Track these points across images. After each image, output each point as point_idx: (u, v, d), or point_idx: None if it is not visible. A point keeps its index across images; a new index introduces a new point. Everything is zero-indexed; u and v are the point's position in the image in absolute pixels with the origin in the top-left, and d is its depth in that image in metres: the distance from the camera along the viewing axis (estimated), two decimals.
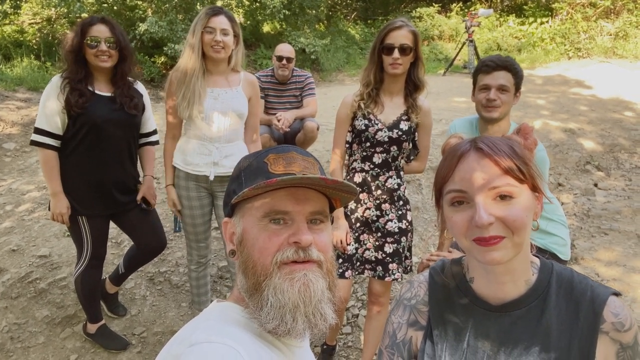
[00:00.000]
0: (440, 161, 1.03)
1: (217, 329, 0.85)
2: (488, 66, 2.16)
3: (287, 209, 0.90)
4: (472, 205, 0.92)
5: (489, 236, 0.89)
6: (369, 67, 2.34)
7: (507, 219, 0.89)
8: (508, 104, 2.16)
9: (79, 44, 2.38)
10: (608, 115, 6.91)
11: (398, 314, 1.12)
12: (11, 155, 5.69)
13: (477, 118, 2.33)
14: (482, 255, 0.91)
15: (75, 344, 2.93)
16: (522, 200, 0.92)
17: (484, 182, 0.91)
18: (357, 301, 3.34)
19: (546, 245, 2.23)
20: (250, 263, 0.90)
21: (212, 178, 2.56)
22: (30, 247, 3.52)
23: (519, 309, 0.97)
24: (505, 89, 2.14)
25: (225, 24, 2.44)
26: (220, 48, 2.44)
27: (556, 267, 1.02)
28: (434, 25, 12.86)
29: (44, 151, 2.45)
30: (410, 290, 1.12)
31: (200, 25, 2.42)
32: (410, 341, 1.08)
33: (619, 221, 4.50)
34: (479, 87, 2.20)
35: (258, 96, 2.76)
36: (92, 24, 2.40)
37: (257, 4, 10.04)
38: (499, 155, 0.92)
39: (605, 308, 0.94)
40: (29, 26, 9.99)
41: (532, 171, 0.94)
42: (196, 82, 2.45)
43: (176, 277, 3.43)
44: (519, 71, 2.19)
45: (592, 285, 0.98)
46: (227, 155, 2.58)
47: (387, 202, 2.41)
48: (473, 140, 0.98)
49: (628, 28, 11.23)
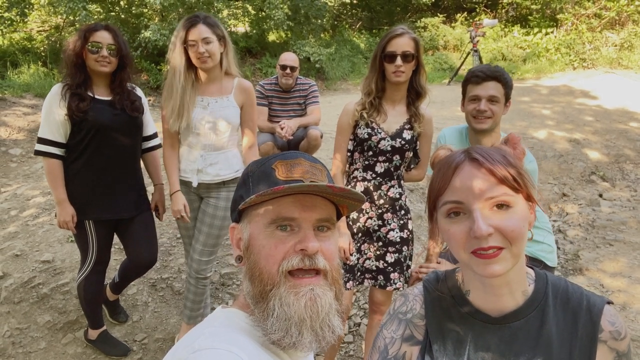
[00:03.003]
0: (433, 173, 1.02)
1: (222, 336, 0.84)
2: (478, 77, 2.15)
3: (294, 215, 0.90)
4: (469, 216, 0.91)
5: (489, 247, 0.89)
6: (371, 75, 2.33)
7: (506, 230, 0.89)
8: (498, 114, 2.15)
9: (81, 48, 2.41)
10: (613, 126, 6.89)
11: (392, 329, 1.08)
12: (17, 161, 5.74)
13: (467, 127, 2.32)
14: (482, 268, 0.91)
15: (77, 349, 2.92)
16: (519, 209, 0.92)
17: (480, 192, 0.90)
18: (359, 310, 3.32)
19: (533, 253, 2.22)
20: (257, 270, 0.90)
21: (195, 185, 2.59)
22: (33, 252, 3.53)
23: (518, 320, 0.97)
24: (495, 100, 2.13)
25: (205, 31, 2.40)
26: (206, 58, 2.42)
27: (550, 277, 1.02)
28: (438, 35, 12.92)
29: (48, 160, 2.46)
30: (405, 304, 1.10)
31: (179, 40, 2.41)
32: (404, 357, 1.05)
33: (624, 232, 4.47)
34: (469, 98, 2.19)
35: (253, 103, 2.71)
36: (95, 30, 2.42)
37: (263, 13, 10.12)
38: (494, 165, 0.92)
39: (602, 317, 0.95)
40: (37, 33, 10.11)
41: (526, 180, 0.94)
42: (184, 95, 2.45)
43: (178, 284, 3.42)
44: (509, 81, 2.18)
45: (586, 294, 0.99)
46: (212, 163, 2.59)
47: (389, 212, 2.40)
48: (466, 151, 0.98)
49: (633, 39, 11.25)
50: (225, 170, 2.63)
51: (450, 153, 1.02)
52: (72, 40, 2.44)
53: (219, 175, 2.62)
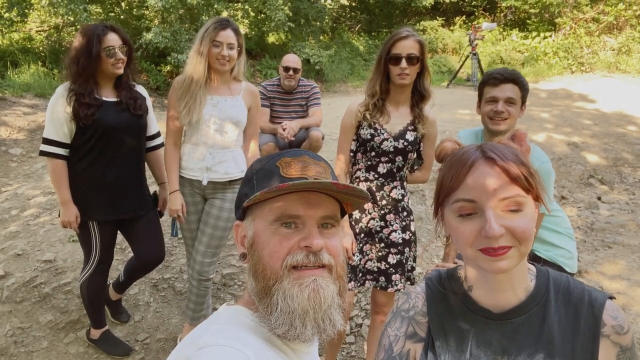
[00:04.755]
0: (443, 169, 1.01)
1: (227, 333, 0.85)
2: (495, 79, 2.16)
3: (299, 213, 0.90)
4: (480, 215, 0.91)
5: (498, 246, 0.89)
6: (375, 77, 2.34)
7: (516, 230, 0.90)
8: (514, 116, 2.16)
9: (98, 55, 2.38)
10: (611, 130, 6.93)
11: (395, 327, 1.09)
12: (17, 161, 5.73)
13: (482, 130, 2.33)
14: (488, 264, 0.91)
15: (79, 349, 2.92)
16: (529, 210, 0.92)
17: (494, 192, 0.90)
18: (360, 310, 3.33)
19: (552, 258, 2.24)
20: (261, 267, 0.90)
21: (205, 183, 2.60)
22: (35, 252, 3.53)
23: (520, 315, 0.98)
24: (512, 102, 2.14)
25: (232, 37, 2.50)
26: (225, 61, 2.51)
27: (551, 273, 1.03)
28: (437, 38, 12.96)
29: (53, 161, 2.47)
30: (408, 301, 1.10)
31: (208, 38, 2.47)
32: (408, 354, 1.05)
33: (622, 235, 4.49)
34: (486, 100, 2.19)
35: (258, 106, 2.80)
36: (104, 34, 2.40)
37: (263, 15, 10.14)
38: (509, 164, 0.92)
39: (604, 312, 0.95)
40: (37, 33, 10.10)
41: (537, 180, 0.95)
42: (198, 90, 2.51)
43: (180, 284, 3.43)
44: (525, 84, 2.19)
45: (588, 289, 0.99)
46: (220, 161, 2.62)
47: (391, 213, 2.40)
48: (479, 147, 0.97)
49: (631, 43, 11.31)
50: (234, 169, 2.65)
51: (462, 148, 1.02)
52: (79, 46, 2.40)
53: (228, 174, 2.63)
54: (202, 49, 2.48)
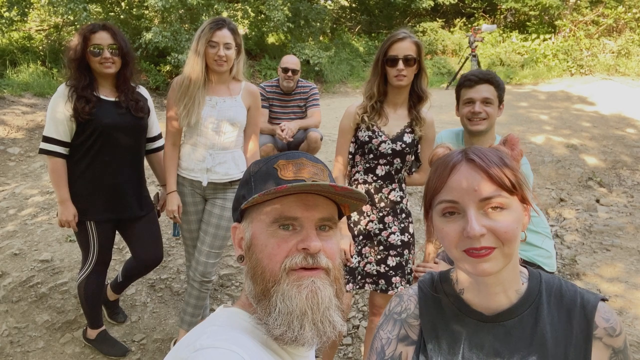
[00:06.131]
0: (430, 172, 1.02)
1: (223, 335, 0.85)
2: (471, 80, 2.21)
3: (297, 215, 0.90)
4: (463, 216, 0.92)
5: (480, 247, 0.90)
6: (372, 79, 2.34)
7: (498, 231, 0.90)
8: (493, 116, 2.20)
9: (82, 51, 2.41)
10: (610, 132, 6.93)
11: (387, 329, 1.09)
12: (15, 160, 5.73)
13: (463, 130, 2.36)
14: (472, 266, 0.92)
15: (75, 349, 2.92)
16: (513, 211, 0.92)
17: (475, 193, 0.91)
18: (357, 312, 3.32)
19: (531, 258, 2.24)
20: (259, 269, 0.90)
21: (205, 184, 2.60)
22: (32, 252, 3.52)
23: (512, 318, 0.98)
24: (489, 102, 2.18)
25: (228, 37, 2.48)
26: (223, 62, 2.49)
27: (544, 275, 1.03)
28: (437, 40, 12.97)
29: (52, 159, 2.46)
30: (400, 304, 1.10)
31: (204, 38, 2.46)
32: (400, 357, 1.06)
33: (621, 237, 4.49)
34: (463, 101, 2.24)
35: (258, 107, 2.78)
36: (94, 32, 2.42)
37: (262, 16, 10.14)
38: (490, 166, 0.92)
39: (596, 314, 0.95)
40: (36, 33, 10.10)
41: (522, 182, 0.95)
42: (197, 92, 2.50)
43: (177, 285, 3.42)
44: (501, 83, 2.24)
45: (580, 292, 0.99)
46: (220, 162, 2.61)
47: (389, 215, 2.40)
48: (464, 151, 0.98)
49: (630, 46, 11.32)
50: (234, 170, 2.64)
51: (448, 152, 1.03)
52: (73, 44, 2.44)
53: (228, 175, 2.63)
54: (199, 49, 2.47)
